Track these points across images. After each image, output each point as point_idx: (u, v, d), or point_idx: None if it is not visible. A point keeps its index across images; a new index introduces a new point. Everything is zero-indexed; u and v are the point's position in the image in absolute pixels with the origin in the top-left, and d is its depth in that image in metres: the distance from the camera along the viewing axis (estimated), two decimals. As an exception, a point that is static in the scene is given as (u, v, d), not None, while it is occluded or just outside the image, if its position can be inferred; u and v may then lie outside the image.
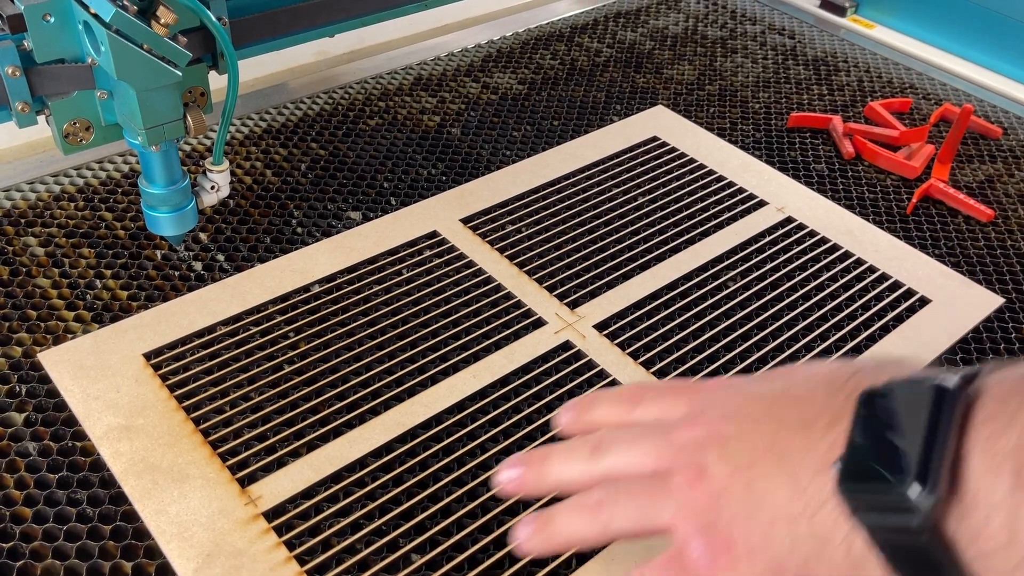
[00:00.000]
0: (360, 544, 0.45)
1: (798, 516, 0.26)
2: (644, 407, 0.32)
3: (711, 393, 0.30)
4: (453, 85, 0.84)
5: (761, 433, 0.27)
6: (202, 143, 0.73)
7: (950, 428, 0.22)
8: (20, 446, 0.48)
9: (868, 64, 0.93)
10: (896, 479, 0.22)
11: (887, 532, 0.23)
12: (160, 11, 0.48)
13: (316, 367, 0.54)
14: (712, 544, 0.28)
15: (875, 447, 0.23)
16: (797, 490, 0.26)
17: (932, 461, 0.22)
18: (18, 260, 0.60)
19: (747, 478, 0.27)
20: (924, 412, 0.23)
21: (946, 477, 0.22)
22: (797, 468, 0.26)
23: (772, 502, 0.26)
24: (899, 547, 0.23)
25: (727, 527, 0.28)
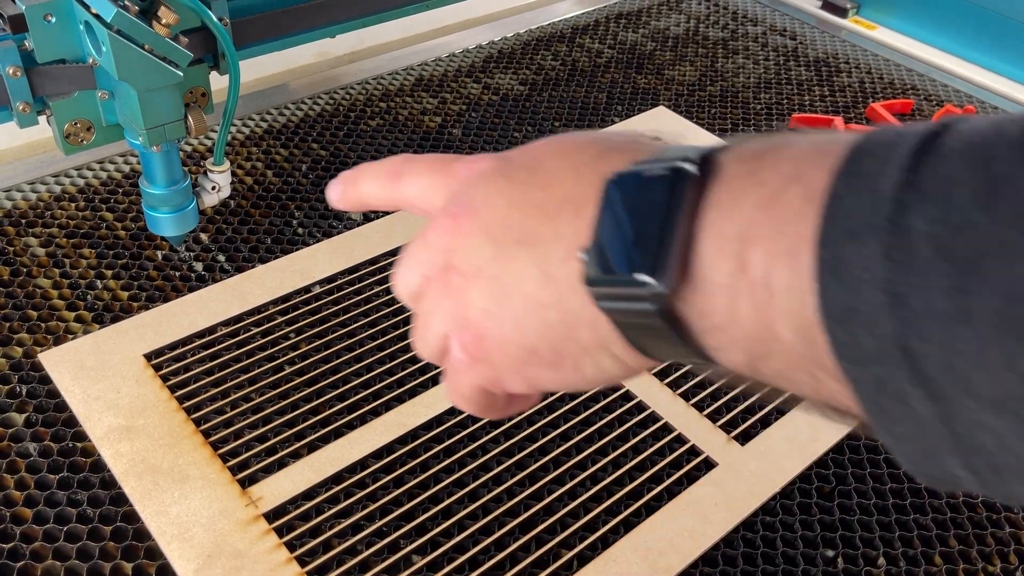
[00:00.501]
0: (361, 545, 0.45)
1: (547, 304, 0.27)
2: (407, 183, 0.33)
3: (460, 179, 0.31)
4: (454, 86, 0.84)
5: (506, 225, 0.28)
6: (203, 143, 0.73)
7: (681, 215, 0.23)
8: (21, 447, 0.48)
9: (870, 65, 0.93)
10: (633, 267, 0.23)
11: (627, 315, 0.25)
12: (161, 11, 0.48)
13: (317, 368, 0.54)
14: (465, 340, 0.29)
15: (616, 236, 0.24)
16: (545, 278, 0.27)
17: (664, 251, 0.23)
18: (19, 260, 0.60)
19: (494, 271, 0.28)
20: (661, 197, 0.24)
21: (676, 264, 0.23)
22: (544, 257, 0.27)
23: (520, 291, 0.27)
24: (638, 326, 0.25)
25: (477, 322, 0.29)
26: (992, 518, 0.49)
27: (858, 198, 0.20)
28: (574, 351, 0.27)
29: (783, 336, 0.22)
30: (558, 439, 0.51)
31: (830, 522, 0.48)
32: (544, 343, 0.27)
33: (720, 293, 0.23)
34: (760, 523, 0.48)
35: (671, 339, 0.24)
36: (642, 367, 0.27)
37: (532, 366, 0.28)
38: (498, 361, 0.29)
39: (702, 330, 0.24)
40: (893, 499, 0.50)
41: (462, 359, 0.30)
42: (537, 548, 0.45)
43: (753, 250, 0.22)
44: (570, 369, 0.28)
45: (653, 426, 0.52)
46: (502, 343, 0.28)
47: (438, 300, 0.30)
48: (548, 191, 0.28)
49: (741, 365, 0.24)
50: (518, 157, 0.30)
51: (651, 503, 0.48)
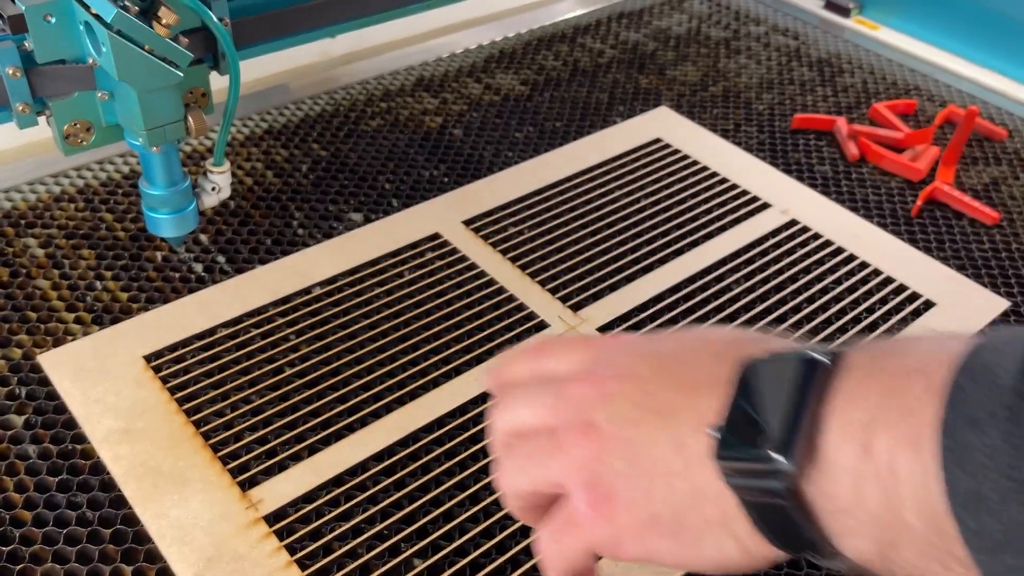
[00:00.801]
0: (362, 548, 0.45)
1: (676, 472, 0.28)
2: (548, 359, 0.34)
3: (607, 350, 0.32)
4: (455, 86, 0.84)
5: (647, 392, 0.29)
6: (203, 144, 0.72)
7: (811, 400, 0.25)
8: (20, 449, 0.48)
9: (872, 65, 0.92)
10: (762, 447, 0.25)
11: (754, 494, 0.26)
12: (161, 12, 0.48)
13: (317, 369, 0.53)
14: (594, 496, 0.30)
15: (748, 415, 0.26)
16: (677, 447, 0.28)
17: (793, 432, 0.24)
18: (18, 261, 0.60)
19: (630, 434, 0.29)
20: (792, 384, 0.25)
21: (804, 446, 0.24)
22: (678, 427, 0.28)
23: (652, 457, 0.28)
24: (764, 506, 0.25)
25: (609, 481, 0.29)
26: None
27: (978, 389, 0.21)
28: (697, 525, 0.28)
29: (911, 522, 0.23)
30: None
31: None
32: (669, 511, 0.28)
33: (845, 476, 0.24)
34: (763, 526, 0.48)
35: (796, 520, 0.25)
36: (762, 558, 0.27)
37: (653, 534, 0.29)
38: (623, 523, 0.29)
39: (827, 512, 0.24)
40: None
41: (585, 514, 0.30)
42: (539, 551, 0.45)
43: (878, 437, 0.23)
44: (690, 543, 0.28)
45: (655, 428, 0.52)
46: (629, 505, 0.29)
47: (566, 455, 0.30)
48: (689, 368, 0.29)
49: (871, 554, 0.24)
50: (659, 338, 0.32)
51: (653, 506, 0.48)
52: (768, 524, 0.26)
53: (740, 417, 0.26)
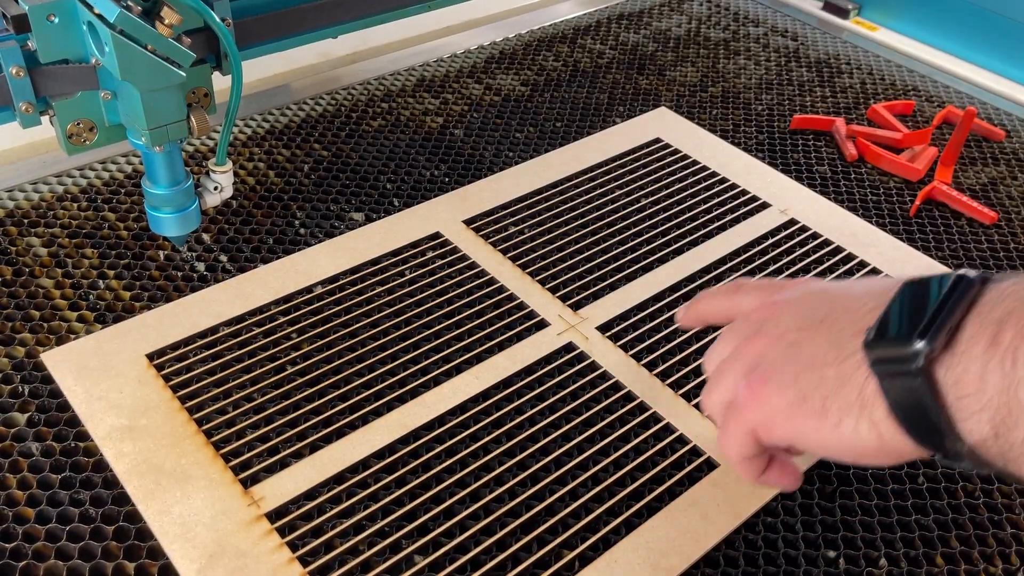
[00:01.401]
0: (363, 545, 0.45)
1: (829, 363, 0.32)
2: (744, 294, 0.41)
3: (786, 287, 0.39)
4: (456, 86, 0.84)
5: (814, 307, 0.35)
6: (205, 144, 0.73)
7: (958, 304, 0.29)
8: (23, 446, 0.48)
9: (871, 66, 0.93)
10: (906, 332, 0.29)
11: (892, 376, 0.30)
12: (164, 12, 0.48)
13: (319, 368, 0.54)
14: (751, 381, 0.35)
15: (900, 317, 0.30)
16: (834, 345, 0.33)
17: (935, 324, 0.28)
18: (21, 260, 0.60)
19: (793, 337, 0.35)
20: (943, 292, 0.29)
21: (943, 336, 0.28)
22: (838, 331, 0.33)
23: (809, 352, 0.33)
24: (900, 389, 0.29)
25: (766, 370, 0.35)
26: (994, 519, 0.49)
27: None
28: (839, 407, 0.32)
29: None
30: (560, 440, 0.51)
31: (832, 523, 0.48)
32: (816, 394, 0.33)
33: (974, 364, 0.27)
34: (762, 524, 0.48)
35: (926, 403, 0.29)
36: (893, 450, 0.31)
37: (801, 414, 0.34)
38: (774, 404, 0.34)
39: (954, 396, 0.28)
40: (895, 500, 0.50)
41: (744, 395, 0.36)
42: (539, 548, 0.45)
43: (1007, 328, 0.27)
44: (832, 424, 0.33)
45: (655, 426, 0.52)
46: (782, 388, 0.34)
47: (738, 358, 0.36)
48: (852, 297, 0.34)
49: (988, 437, 0.28)
50: (832, 282, 0.37)
51: (653, 504, 0.48)
52: (901, 407, 0.30)
53: (893, 316, 0.30)
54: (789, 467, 0.41)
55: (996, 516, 0.49)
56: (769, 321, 0.36)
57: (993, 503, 0.50)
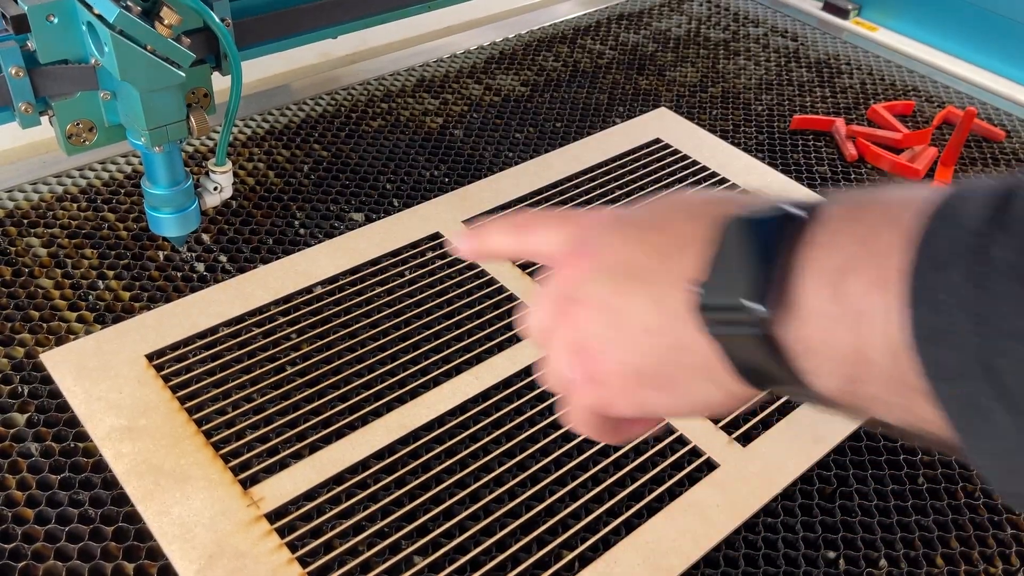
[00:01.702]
0: (362, 546, 0.45)
1: (657, 329, 0.29)
2: (533, 234, 0.36)
3: (586, 227, 0.34)
4: (456, 87, 0.84)
5: (625, 262, 0.31)
6: (205, 144, 0.73)
7: (784, 251, 0.26)
8: (23, 447, 0.48)
9: (871, 67, 0.93)
10: (740, 297, 0.26)
11: (733, 340, 0.27)
12: (164, 12, 0.48)
13: (318, 368, 0.54)
14: (580, 364, 0.32)
15: (725, 269, 0.27)
16: (656, 306, 0.29)
17: (768, 280, 0.26)
18: (21, 260, 0.60)
19: (610, 302, 0.31)
20: (769, 236, 0.26)
21: (778, 293, 0.26)
22: (657, 287, 0.30)
23: (632, 318, 0.30)
24: (742, 352, 0.27)
25: (593, 347, 0.31)
26: (994, 519, 0.49)
27: (947, 234, 0.23)
28: (681, 375, 0.30)
29: (875, 359, 0.24)
30: (560, 440, 0.51)
31: (832, 523, 0.48)
32: (654, 366, 0.30)
33: (817, 319, 0.25)
34: (762, 524, 0.48)
35: (771, 362, 0.27)
36: (741, 397, 0.29)
37: (642, 388, 0.31)
38: (612, 383, 0.32)
39: (798, 354, 0.26)
40: (895, 500, 0.50)
41: (577, 382, 0.33)
42: (539, 549, 0.45)
43: (850, 281, 0.24)
44: (678, 393, 0.31)
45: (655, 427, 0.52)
46: (616, 365, 0.31)
47: (559, 331, 0.33)
48: (664, 234, 0.30)
49: (836, 390, 0.26)
50: (637, 209, 0.33)
51: (653, 504, 0.48)
52: (746, 368, 0.27)
53: (718, 271, 0.27)
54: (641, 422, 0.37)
55: (996, 517, 0.49)
56: (581, 285, 0.32)
57: (993, 504, 0.50)
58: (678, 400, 0.31)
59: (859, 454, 0.52)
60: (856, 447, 0.52)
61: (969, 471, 0.52)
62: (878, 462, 0.52)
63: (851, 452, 0.52)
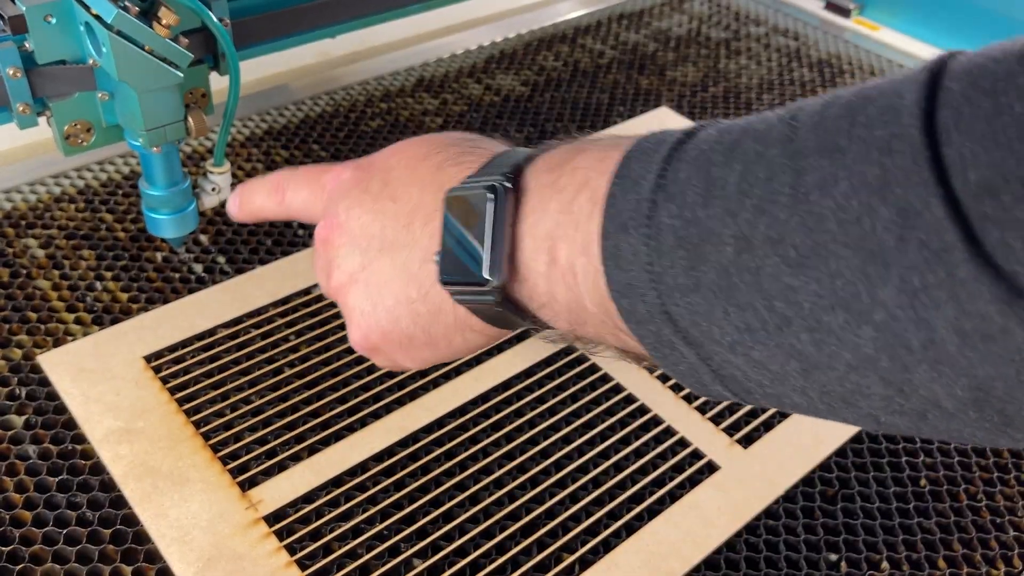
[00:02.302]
0: (361, 549, 0.45)
1: (415, 298, 0.34)
2: (289, 197, 0.40)
3: (333, 192, 0.37)
4: (455, 86, 0.84)
5: (372, 235, 0.35)
6: (203, 145, 0.72)
7: (505, 221, 0.30)
8: (20, 449, 0.48)
9: (873, 66, 0.92)
10: (475, 270, 0.30)
11: (477, 305, 0.32)
12: (162, 12, 0.48)
13: (317, 370, 0.53)
14: (356, 339, 0.36)
15: (457, 242, 0.31)
16: (409, 278, 0.34)
17: (495, 252, 0.30)
18: (18, 262, 0.60)
19: (367, 275, 0.35)
20: (486, 210, 0.30)
21: (506, 262, 0.30)
22: (406, 259, 0.34)
23: (391, 290, 0.34)
24: (488, 312, 0.32)
25: (360, 320, 0.35)
26: (996, 522, 0.49)
27: (626, 199, 0.27)
28: (444, 332, 0.34)
29: (589, 308, 0.29)
30: (560, 442, 0.51)
31: (833, 526, 0.48)
32: (418, 329, 0.35)
33: (540, 281, 0.30)
34: (763, 527, 0.48)
35: (513, 316, 0.32)
36: (501, 334, 0.35)
37: (414, 349, 0.36)
38: (387, 349, 0.36)
39: (533, 309, 0.31)
40: (897, 503, 0.49)
41: (364, 351, 0.37)
42: (539, 552, 0.45)
43: (559, 246, 0.29)
44: (444, 346, 0.35)
45: (655, 429, 0.52)
46: (383, 334, 0.35)
47: (335, 299, 0.37)
48: (399, 203, 0.34)
49: (568, 331, 0.31)
50: (373, 166, 0.37)
51: (653, 507, 0.48)
52: (494, 321, 0.33)
53: (452, 245, 0.31)
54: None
55: (999, 519, 0.49)
56: (336, 256, 0.36)
57: (996, 506, 0.50)
58: (447, 351, 0.35)
59: (861, 456, 0.52)
60: (858, 449, 0.52)
61: (971, 473, 0.51)
62: (880, 464, 0.51)
63: (853, 454, 0.52)
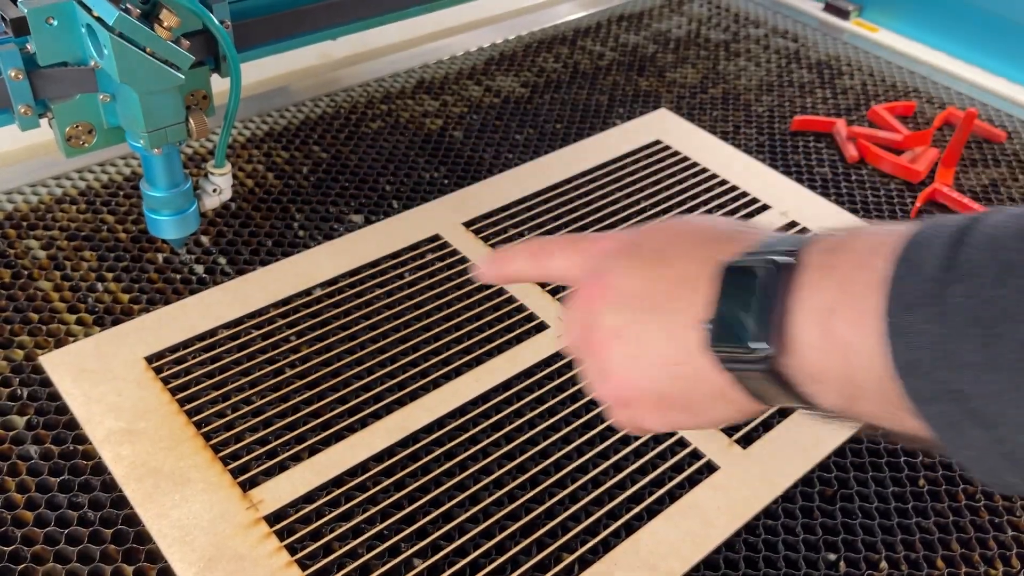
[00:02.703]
0: (362, 548, 0.45)
1: (679, 362, 0.34)
2: (551, 262, 0.40)
3: (600, 257, 0.38)
4: (455, 88, 0.84)
5: (642, 298, 0.35)
6: (204, 146, 0.73)
7: (779, 296, 0.31)
8: (22, 449, 0.48)
9: (872, 68, 0.93)
10: (745, 338, 0.31)
11: (743, 374, 0.32)
12: (163, 14, 0.48)
13: (318, 370, 0.54)
14: (610, 393, 0.37)
15: (730, 311, 0.32)
16: (674, 341, 0.34)
17: (767, 323, 0.31)
18: (20, 263, 0.60)
19: (632, 332, 0.35)
20: (762, 283, 0.31)
21: (777, 333, 0.30)
22: (672, 324, 0.34)
23: (654, 349, 0.35)
24: (751, 382, 0.32)
25: (619, 374, 0.36)
26: (995, 522, 0.49)
27: (912, 278, 0.27)
28: (701, 399, 0.35)
29: (865, 384, 0.29)
30: (559, 442, 0.51)
31: (832, 526, 0.48)
32: (676, 392, 0.35)
33: (812, 354, 0.30)
34: (762, 527, 0.48)
35: (778, 390, 0.31)
36: (756, 410, 0.35)
37: (667, 410, 0.36)
38: (638, 411, 0.37)
39: (800, 382, 0.31)
40: (895, 502, 0.50)
41: (611, 406, 0.37)
42: (538, 552, 0.45)
43: (836, 321, 0.29)
44: (697, 412, 0.35)
45: (655, 429, 0.52)
46: (639, 392, 0.36)
47: (587, 358, 0.37)
48: (672, 270, 0.35)
49: (837, 408, 0.31)
50: (642, 239, 0.37)
51: (653, 507, 0.48)
52: (757, 394, 0.33)
53: (724, 313, 0.32)
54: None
55: (997, 519, 0.49)
56: (599, 315, 0.36)
57: (994, 506, 0.50)
58: (701, 418, 0.36)
59: (859, 456, 0.52)
60: (856, 449, 0.52)
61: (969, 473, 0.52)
62: (878, 464, 0.52)
63: (851, 454, 0.52)
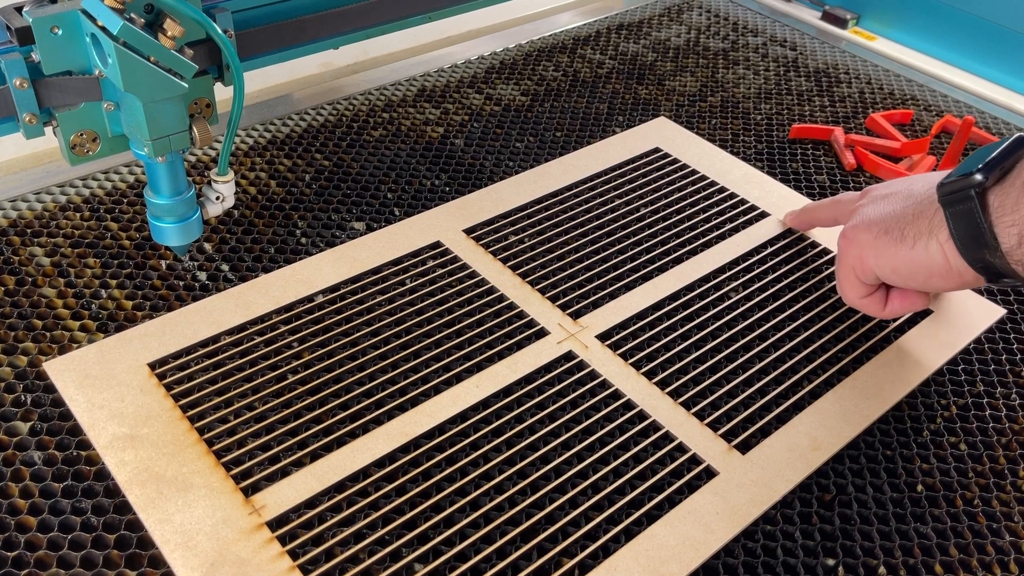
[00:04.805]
0: (363, 554, 0.45)
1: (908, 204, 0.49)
2: (841, 206, 0.60)
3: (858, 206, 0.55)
4: (456, 96, 0.85)
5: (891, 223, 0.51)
6: (207, 154, 0.73)
7: (1013, 152, 0.43)
8: (25, 455, 0.49)
9: (869, 76, 0.93)
10: (970, 173, 0.44)
11: (955, 204, 0.44)
12: (167, 24, 0.49)
13: (320, 377, 0.54)
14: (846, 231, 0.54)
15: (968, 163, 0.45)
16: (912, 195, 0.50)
17: (993, 163, 0.43)
18: (24, 270, 0.61)
19: (883, 193, 0.53)
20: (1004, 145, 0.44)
21: (997, 173, 0.43)
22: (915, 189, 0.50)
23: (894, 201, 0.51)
24: (958, 213, 0.44)
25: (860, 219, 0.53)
26: (992, 527, 0.49)
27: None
28: (913, 234, 0.48)
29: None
30: (559, 448, 0.51)
31: (830, 531, 0.48)
32: (896, 227, 0.49)
33: (1014, 192, 0.42)
34: (761, 532, 0.48)
35: (978, 221, 0.43)
36: (955, 267, 0.46)
37: (884, 244, 0.49)
38: (862, 240, 0.51)
39: (996, 216, 0.43)
40: (894, 508, 0.50)
41: (842, 242, 0.53)
42: (538, 557, 0.46)
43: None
44: (908, 247, 0.48)
45: (654, 435, 0.52)
46: (870, 226, 0.51)
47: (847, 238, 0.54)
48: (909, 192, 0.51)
49: (1014, 246, 0.43)
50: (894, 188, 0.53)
51: (652, 512, 0.48)
52: (958, 229, 0.44)
53: (963, 165, 0.45)
54: (909, 293, 0.53)
55: (995, 524, 0.50)
56: (859, 231, 0.52)
57: (992, 511, 0.50)
58: (909, 254, 0.48)
59: (858, 462, 0.52)
60: (854, 455, 0.52)
61: (967, 478, 0.52)
62: (876, 470, 0.52)
63: (849, 460, 0.52)
